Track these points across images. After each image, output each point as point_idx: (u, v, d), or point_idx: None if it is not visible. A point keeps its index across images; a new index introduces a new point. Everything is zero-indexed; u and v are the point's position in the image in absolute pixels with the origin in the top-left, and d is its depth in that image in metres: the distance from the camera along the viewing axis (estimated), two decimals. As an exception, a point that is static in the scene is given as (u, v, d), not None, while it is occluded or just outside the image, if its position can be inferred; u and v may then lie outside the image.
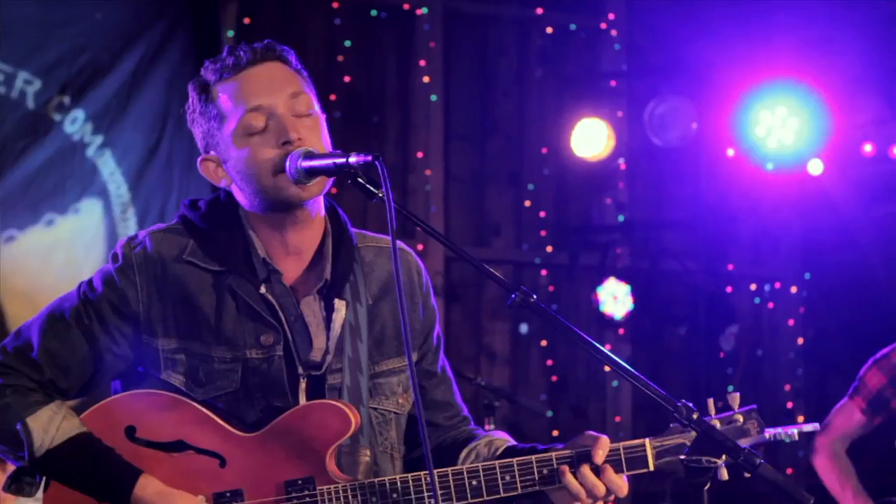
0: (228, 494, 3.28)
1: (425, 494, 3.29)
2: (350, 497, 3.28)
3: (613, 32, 9.37)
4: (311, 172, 3.23)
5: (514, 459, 3.31)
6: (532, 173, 9.21)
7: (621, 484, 3.27)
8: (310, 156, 3.23)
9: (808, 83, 8.79)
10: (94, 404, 3.37)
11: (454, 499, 3.29)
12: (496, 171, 9.15)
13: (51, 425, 3.29)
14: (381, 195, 3.11)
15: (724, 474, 3.19)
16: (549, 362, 9.11)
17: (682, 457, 3.17)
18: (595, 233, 9.34)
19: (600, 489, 3.25)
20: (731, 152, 9.32)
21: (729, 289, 9.67)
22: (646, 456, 3.30)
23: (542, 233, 9.19)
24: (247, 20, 8.06)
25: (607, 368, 9.02)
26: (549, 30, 9.27)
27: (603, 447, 3.26)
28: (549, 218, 9.23)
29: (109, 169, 7.64)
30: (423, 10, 8.76)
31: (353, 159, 3.13)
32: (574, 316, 9.09)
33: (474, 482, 3.29)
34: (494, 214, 9.12)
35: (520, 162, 9.22)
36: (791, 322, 9.92)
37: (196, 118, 3.41)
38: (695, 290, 9.46)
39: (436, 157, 8.76)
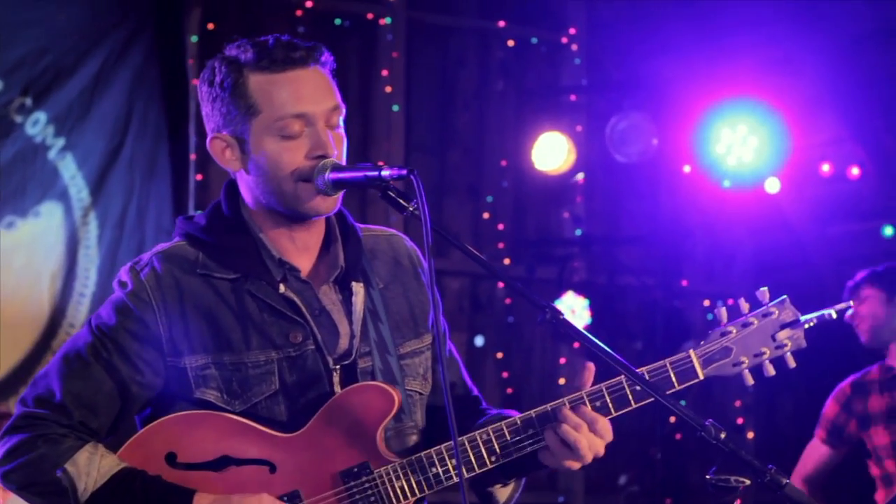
0: (286, 498, 3.24)
1: (482, 451, 3.25)
2: (410, 473, 3.26)
3: (574, 47, 9.42)
4: (339, 184, 3.21)
5: (518, 416, 3.29)
6: (491, 186, 9.25)
7: (604, 424, 3.24)
8: (338, 168, 3.21)
9: (768, 102, 8.86)
10: (127, 440, 3.29)
11: (500, 456, 3.27)
12: (455, 182, 9.18)
13: (91, 467, 3.22)
14: (412, 209, 3.13)
15: (749, 379, 3.33)
16: (505, 374, 9.14)
17: (709, 476, 3.22)
18: (553, 246, 9.39)
19: (581, 426, 3.21)
20: (689, 169, 9.39)
21: (683, 304, 9.73)
22: (693, 367, 3.31)
23: (500, 245, 9.23)
24: (210, 26, 8.07)
25: (562, 381, 9.14)
26: (510, 43, 9.30)
27: (588, 374, 3.29)
28: (508, 230, 9.27)
29: (70, 172, 7.61)
30: (387, 21, 8.79)
31: (385, 172, 3.13)
32: (531, 329, 9.13)
33: (489, 447, 3.28)
34: (453, 226, 9.14)
35: (479, 174, 9.26)
36: (744, 339, 9.97)
37: (218, 95, 3.31)
38: (651, 305, 9.52)
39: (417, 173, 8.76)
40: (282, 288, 3.31)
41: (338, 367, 3.33)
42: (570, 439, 3.22)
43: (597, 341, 3.18)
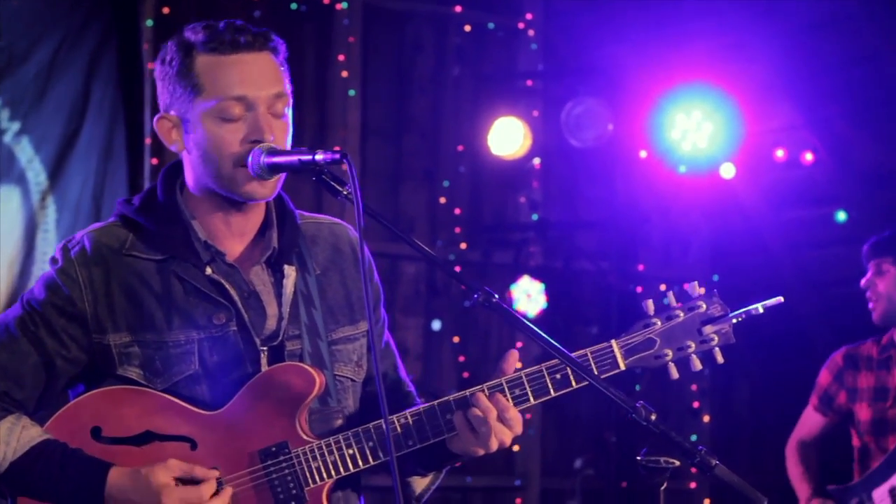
0: None
1: (401, 437, 3.28)
2: (326, 454, 3.28)
3: (531, 32, 9.43)
4: (274, 168, 3.22)
5: (435, 402, 3.31)
6: (447, 170, 9.26)
7: (514, 414, 3.26)
8: (273, 152, 3.22)
9: (723, 88, 8.89)
10: (54, 414, 3.33)
11: (430, 436, 3.29)
12: (412, 167, 9.20)
13: (11, 437, 3.26)
14: (346, 192, 3.14)
15: (674, 373, 3.32)
16: (461, 358, 9.17)
17: (639, 458, 3.25)
18: (509, 231, 9.40)
19: (491, 412, 3.22)
20: (644, 154, 9.43)
21: (639, 289, 9.77)
22: (615, 357, 3.32)
23: (457, 230, 9.24)
24: (166, 10, 8.04)
25: (519, 364, 9.19)
26: (466, 28, 9.31)
27: (511, 361, 3.34)
28: (464, 215, 9.29)
29: (27, 156, 7.58)
30: (343, 5, 8.78)
31: (319, 157, 3.14)
32: (487, 313, 9.15)
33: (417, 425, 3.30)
34: (409, 210, 9.16)
35: (435, 159, 9.27)
36: (699, 323, 10.02)
37: (169, 75, 3.34)
38: (606, 289, 9.56)
39: (352, 152, 8.78)
40: (208, 270, 3.33)
41: (265, 348, 3.35)
42: (477, 425, 3.24)
43: (530, 324, 3.21)
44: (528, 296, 9.02)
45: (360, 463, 3.29)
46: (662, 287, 9.96)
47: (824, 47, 8.62)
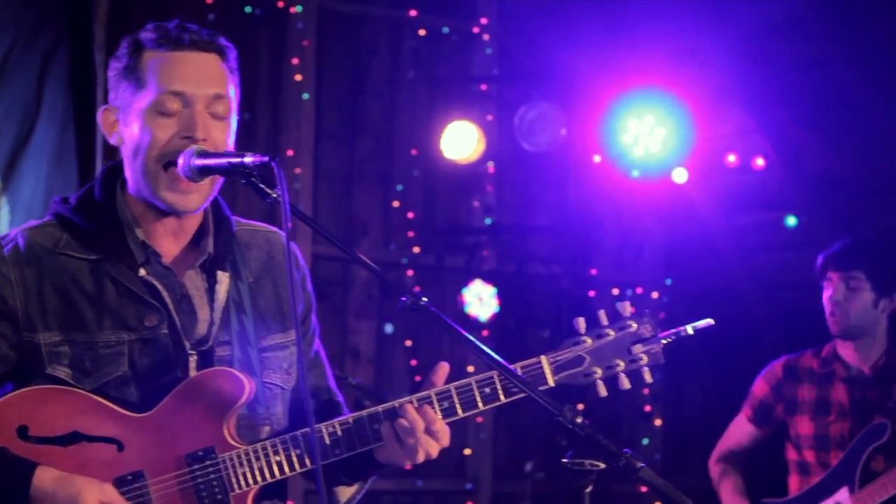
0: (130, 477, 3.25)
1: (328, 445, 3.30)
2: (253, 460, 3.29)
3: (486, 37, 9.43)
4: (204, 171, 3.24)
5: (377, 410, 3.33)
6: (401, 174, 9.25)
7: (442, 426, 3.30)
8: (203, 154, 3.24)
9: (675, 93, 8.93)
10: None
11: (357, 446, 3.31)
12: (366, 171, 9.18)
13: None
14: (275, 195, 3.15)
15: (602, 390, 3.36)
16: (414, 362, 9.16)
17: (565, 460, 3.27)
18: (462, 235, 9.40)
19: (419, 423, 3.26)
20: (597, 159, 9.45)
21: (592, 293, 9.79)
22: (544, 373, 3.36)
23: (410, 233, 9.23)
24: (117, 14, 8.02)
25: (471, 369, 9.19)
26: (421, 32, 9.30)
27: (441, 374, 3.37)
28: (417, 219, 9.28)
29: (-20, 158, 7.55)
30: (298, 9, 8.76)
31: (248, 159, 3.16)
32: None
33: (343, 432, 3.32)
34: (363, 214, 9.14)
35: (389, 162, 9.25)
36: (651, 327, 10.06)
37: (118, 70, 3.37)
38: (559, 293, 9.57)
39: (306, 155, 8.78)
40: (142, 271, 3.34)
41: (195, 352, 3.36)
42: (404, 436, 3.28)
43: (460, 329, 3.26)
44: (481, 299, 9.02)
45: (287, 470, 3.31)
46: (615, 291, 10.01)
47: (776, 52, 8.67)
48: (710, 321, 3.39)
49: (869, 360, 6.19)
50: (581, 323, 3.40)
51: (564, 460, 3.26)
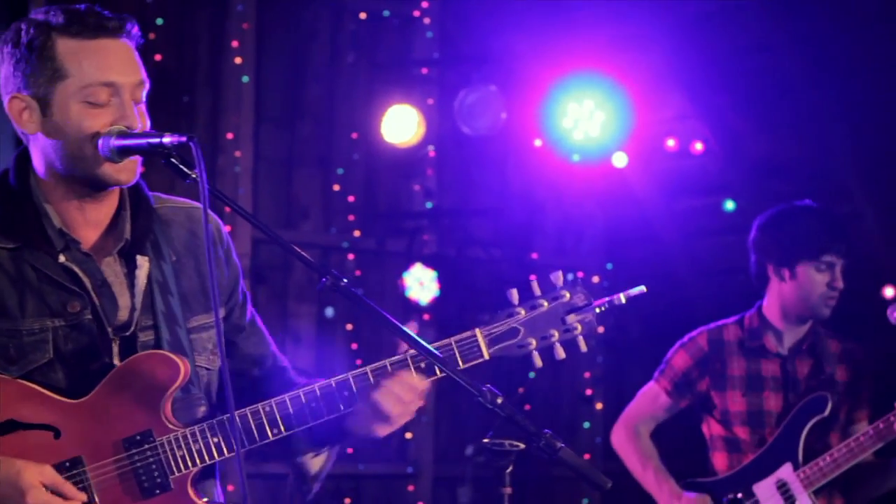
0: (68, 464, 3.23)
1: (265, 422, 3.31)
2: (191, 442, 3.28)
3: (426, 20, 9.41)
4: (124, 151, 3.24)
5: (332, 380, 3.37)
6: (342, 158, 9.22)
7: (416, 382, 3.36)
8: (123, 134, 3.23)
9: (615, 77, 8.96)
10: None
11: (282, 429, 3.33)
12: (306, 154, 9.14)
13: None
14: (194, 176, 3.15)
15: (538, 361, 3.38)
16: (354, 346, 9.15)
17: (486, 440, 3.29)
18: (403, 219, 9.39)
19: (403, 390, 3.34)
20: (538, 143, 9.47)
21: (532, 277, 9.78)
22: (479, 346, 3.37)
23: (351, 217, 9.21)
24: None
25: (412, 352, 9.21)
26: (362, 15, 9.26)
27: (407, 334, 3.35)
28: (358, 203, 9.25)
29: None
30: (238, -9, 8.74)
31: (167, 139, 3.16)
32: (380, 301, 9.15)
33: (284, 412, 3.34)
34: (303, 198, 9.11)
35: (329, 146, 9.22)
36: (592, 311, 10.10)
37: (23, 56, 3.29)
38: (500, 278, 9.59)
39: (246, 138, 8.73)
40: (62, 258, 3.32)
41: (117, 338, 3.35)
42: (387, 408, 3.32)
43: (380, 310, 3.35)
44: (421, 283, 9.02)
45: (225, 451, 3.31)
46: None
47: (715, 38, 8.71)
48: (642, 288, 3.42)
49: (798, 336, 6.05)
50: (514, 294, 3.41)
51: (485, 440, 3.28)
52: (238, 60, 8.71)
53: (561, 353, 3.37)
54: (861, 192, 8.44)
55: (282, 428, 3.34)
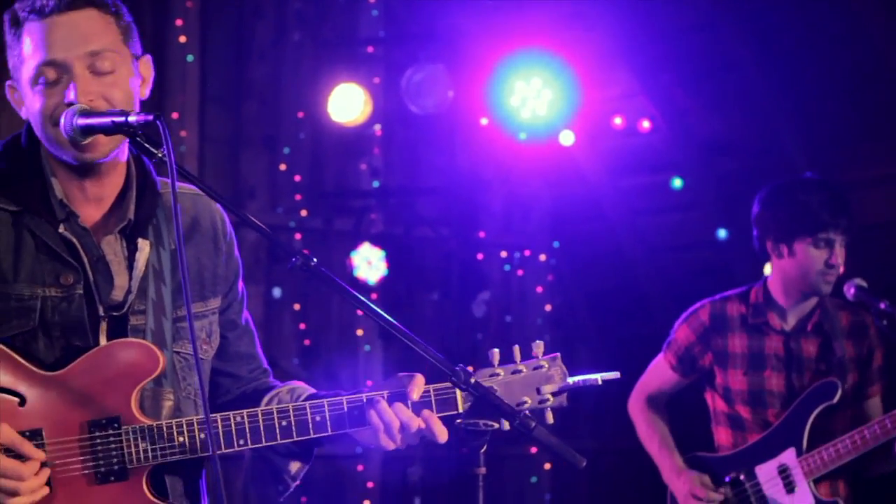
0: (28, 434, 3.19)
1: (234, 434, 3.30)
2: (156, 436, 3.26)
3: (371, -1, 9.44)
4: (87, 131, 3.18)
5: (325, 400, 3.35)
6: (288, 137, 9.19)
7: (441, 428, 3.34)
8: (86, 113, 3.18)
9: (562, 55, 8.97)
10: None
11: (263, 439, 3.31)
12: (252, 134, 9.10)
13: None
14: (160, 155, 3.11)
15: (505, 424, 3.31)
16: (302, 326, 9.15)
17: (459, 420, 3.30)
18: (350, 198, 9.39)
19: (414, 422, 3.31)
20: (485, 121, 9.49)
21: (480, 256, 9.84)
22: (455, 398, 3.37)
23: (297, 197, 9.19)
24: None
25: (360, 332, 9.21)
26: (307, -7, 9.28)
27: (418, 386, 3.34)
28: (305, 182, 9.23)
29: None
30: (181, -31, 8.69)
31: (132, 118, 3.12)
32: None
33: (283, 422, 3.32)
34: (249, 177, 9.08)
35: (276, 125, 9.19)
36: (539, 289, 10.15)
37: (8, 43, 3.35)
38: (447, 256, 9.62)
39: (191, 118, 8.68)
40: (62, 228, 3.30)
41: (107, 316, 3.32)
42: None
43: (349, 289, 3.32)
44: (369, 263, 9.02)
45: (189, 453, 3.29)
46: (503, 254, 10.07)
47: (662, 16, 8.74)
48: (616, 374, 3.44)
49: (803, 312, 5.84)
50: (496, 355, 3.41)
51: (459, 421, 3.29)
52: (182, 39, 8.66)
53: (530, 424, 3.29)
54: (806, 168, 8.48)
55: (249, 440, 3.34)
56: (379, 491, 9.28)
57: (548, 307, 10.18)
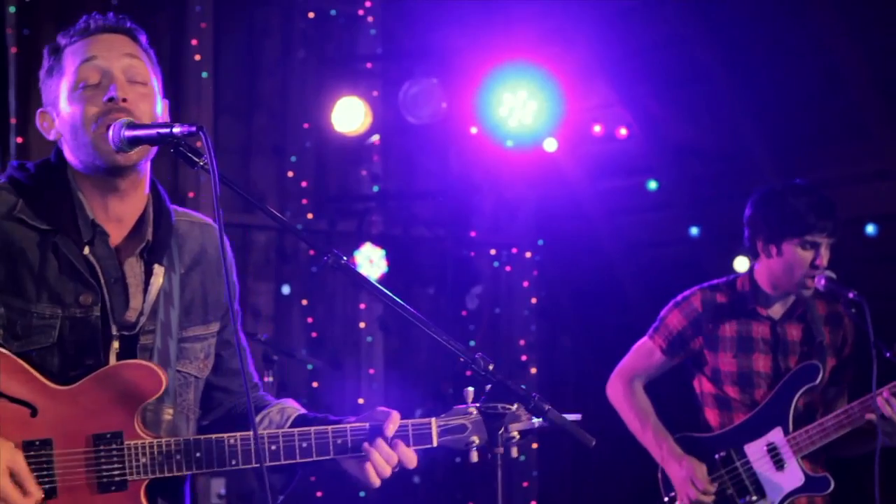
0: (38, 443, 3.19)
1: (227, 455, 3.31)
2: (156, 452, 3.26)
3: (370, 19, 9.44)
4: (134, 142, 3.19)
5: (312, 428, 3.37)
6: (295, 146, 9.24)
7: (412, 456, 3.38)
8: (133, 126, 3.19)
9: (546, 69, 9.01)
10: None
11: (252, 461, 3.32)
12: (261, 143, 9.16)
13: None
14: (202, 163, 3.14)
15: (474, 457, 3.41)
16: (310, 320, 9.17)
17: (478, 404, 3.36)
18: (352, 201, 9.41)
19: (394, 458, 3.35)
20: (475, 130, 9.53)
21: (472, 253, 9.88)
22: (430, 433, 3.41)
23: (304, 201, 9.23)
24: (28, -4, 7.95)
25: (363, 325, 9.28)
26: (311, 14, 9.27)
27: (394, 422, 3.36)
28: (310, 187, 9.27)
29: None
30: (195, -7, 8.75)
31: (176, 129, 3.12)
32: (333, 277, 9.19)
33: (273, 447, 3.34)
34: (259, 183, 9.14)
35: (283, 135, 9.24)
36: (526, 284, 10.19)
37: (44, 76, 3.38)
38: (442, 254, 9.66)
39: (206, 129, 8.74)
40: (86, 250, 3.29)
41: (119, 335, 3.32)
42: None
43: (376, 284, 3.31)
44: (371, 261, 9.06)
45: (184, 469, 3.30)
46: (493, 251, 10.13)
47: (637, 32, 8.78)
48: (577, 416, 3.39)
49: (787, 303, 5.79)
50: (470, 393, 3.46)
51: (478, 405, 3.37)
52: (197, 57, 8.73)
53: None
54: (770, 171, 8.54)
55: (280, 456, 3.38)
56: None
57: (533, 300, 10.22)
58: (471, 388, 3.45)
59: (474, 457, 3.45)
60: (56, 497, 3.21)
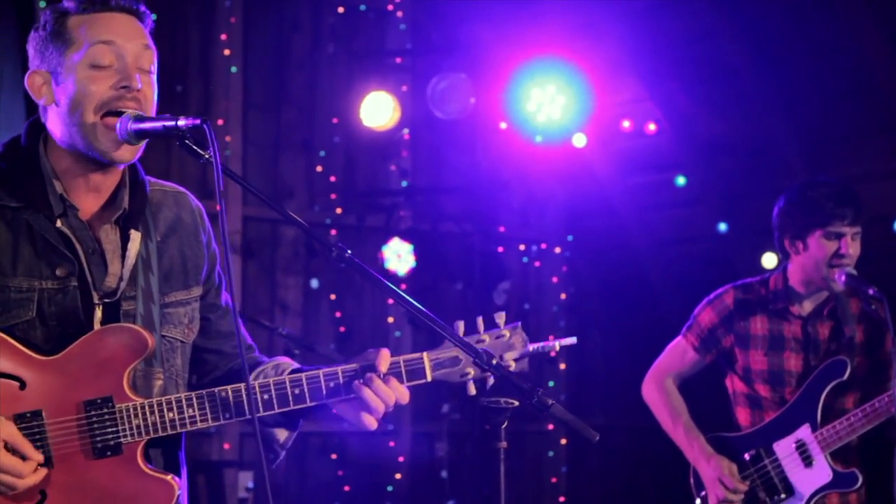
0: (28, 415, 3.19)
1: (219, 408, 3.30)
2: (147, 413, 3.25)
3: (399, 14, 9.44)
4: (141, 134, 3.21)
5: (303, 374, 3.35)
6: (323, 141, 9.23)
7: (405, 392, 3.34)
8: (140, 119, 3.20)
9: (575, 64, 8.97)
10: None
11: (246, 412, 3.31)
12: (290, 138, 9.15)
13: None
14: (207, 156, 3.13)
15: (472, 389, 3.36)
16: (338, 314, 9.17)
17: (482, 399, 3.32)
18: (381, 196, 9.41)
19: (390, 395, 3.30)
20: (503, 125, 9.49)
21: (500, 249, 9.86)
22: (424, 368, 3.37)
23: (333, 196, 9.22)
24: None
25: (391, 319, 9.23)
26: (340, 9, 9.27)
27: (385, 359, 3.32)
28: (339, 182, 9.27)
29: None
30: (225, -12, 8.72)
31: (181, 122, 3.14)
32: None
33: (265, 396, 3.32)
34: (288, 178, 9.12)
35: (312, 130, 9.23)
36: (555, 279, 10.17)
37: (41, 38, 3.31)
38: (470, 249, 9.63)
39: (235, 124, 8.73)
40: (59, 223, 3.29)
41: (101, 303, 3.33)
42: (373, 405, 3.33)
43: (381, 278, 3.32)
44: (399, 256, 9.04)
45: (178, 427, 3.29)
46: (522, 247, 10.08)
47: (666, 27, 8.72)
48: (573, 340, 3.45)
49: (819, 300, 5.73)
50: (460, 326, 3.39)
51: (482, 399, 3.31)
52: (227, 52, 8.72)
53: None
54: (800, 167, 8.48)
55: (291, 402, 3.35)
56: (409, 464, 9.30)
57: (563, 296, 10.19)
58: (461, 322, 3.39)
59: (471, 389, 3.40)
60: (52, 466, 3.21)
